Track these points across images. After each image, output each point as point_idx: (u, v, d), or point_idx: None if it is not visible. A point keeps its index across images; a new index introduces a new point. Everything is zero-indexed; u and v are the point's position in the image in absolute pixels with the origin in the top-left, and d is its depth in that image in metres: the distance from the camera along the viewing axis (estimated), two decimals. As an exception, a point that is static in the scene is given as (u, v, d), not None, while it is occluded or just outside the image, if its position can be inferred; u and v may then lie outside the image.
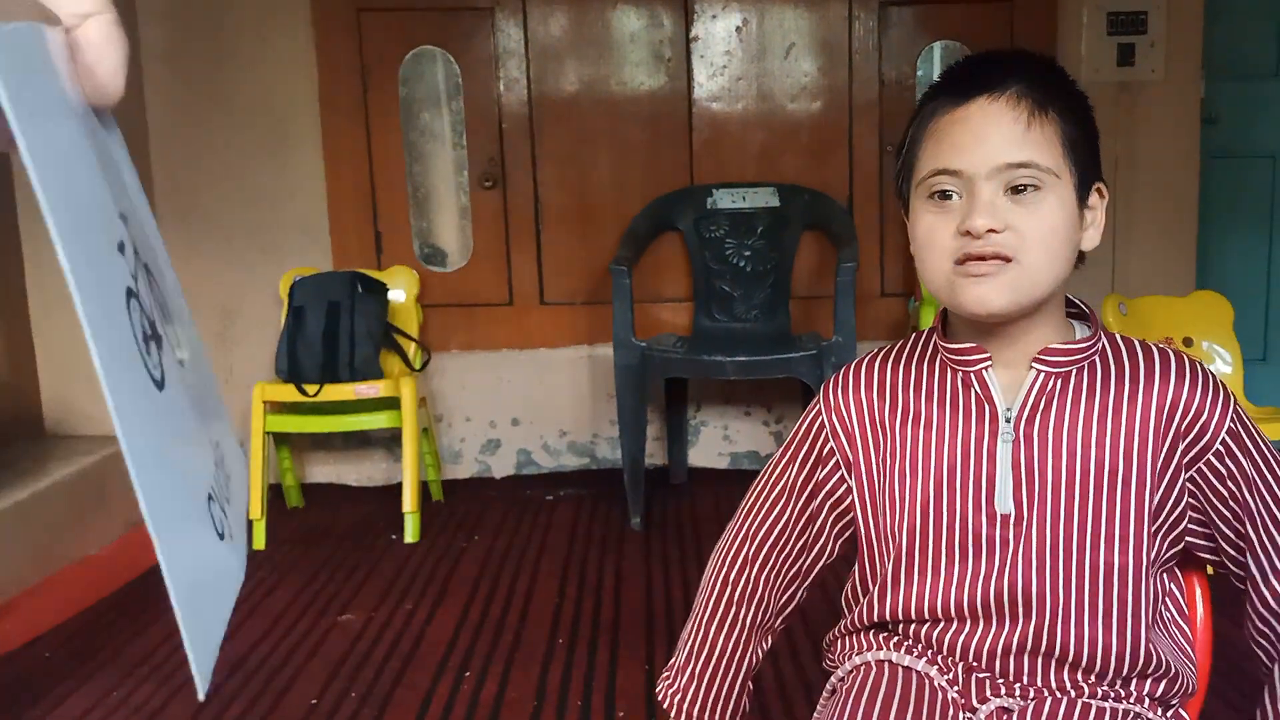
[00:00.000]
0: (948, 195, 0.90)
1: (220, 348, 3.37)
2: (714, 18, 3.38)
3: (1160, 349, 0.96)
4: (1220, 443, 0.91)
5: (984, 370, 0.95)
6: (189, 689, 2.03)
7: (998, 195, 0.88)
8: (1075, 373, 0.94)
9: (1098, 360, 0.95)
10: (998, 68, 0.91)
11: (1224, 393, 0.93)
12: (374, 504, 3.24)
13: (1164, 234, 3.42)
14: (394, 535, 2.93)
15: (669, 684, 1.10)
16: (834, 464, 1.03)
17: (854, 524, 1.04)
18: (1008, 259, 0.88)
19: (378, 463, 3.46)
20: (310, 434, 3.28)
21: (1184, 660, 0.98)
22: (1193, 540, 0.96)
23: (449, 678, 2.07)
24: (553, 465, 3.49)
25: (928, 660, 0.98)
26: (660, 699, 1.11)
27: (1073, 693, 0.94)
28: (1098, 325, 0.96)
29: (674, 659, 1.11)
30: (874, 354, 1.04)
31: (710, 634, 1.07)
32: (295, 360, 2.93)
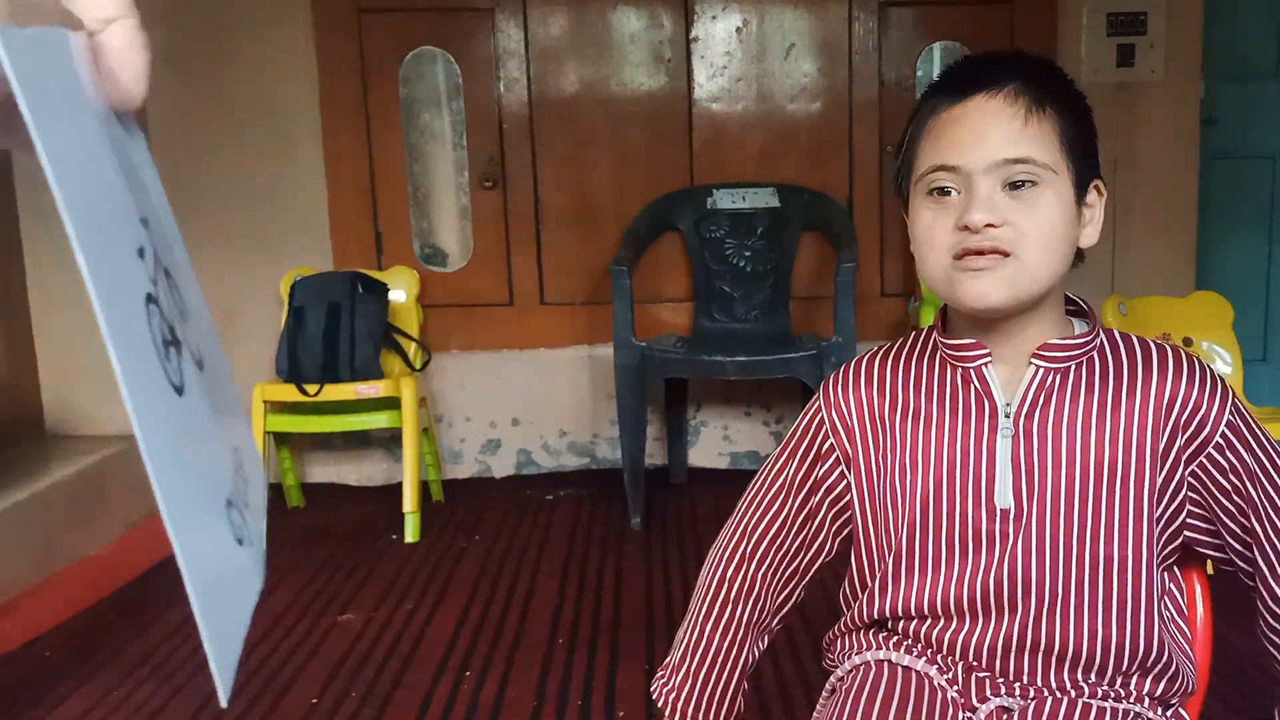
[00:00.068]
0: (946, 191, 0.91)
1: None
2: (714, 18, 3.38)
3: (1158, 344, 0.96)
4: (1220, 435, 0.92)
5: (983, 366, 0.95)
6: (189, 689, 2.03)
7: (996, 191, 0.89)
8: (1074, 368, 0.94)
9: (1096, 356, 0.95)
10: (995, 66, 0.91)
11: (1222, 386, 0.93)
12: (374, 504, 3.24)
13: (1164, 235, 3.42)
14: (394, 535, 2.93)
15: (664, 683, 1.10)
16: (834, 460, 1.03)
17: (851, 520, 1.04)
18: (1006, 254, 0.88)
19: (378, 463, 3.46)
20: (310, 434, 3.28)
21: (1184, 658, 0.98)
22: (1197, 536, 0.96)
23: (449, 678, 2.07)
24: (553, 465, 3.49)
25: (927, 660, 0.98)
26: (655, 698, 1.11)
27: (1073, 692, 0.94)
28: (1096, 322, 0.97)
29: (669, 658, 1.11)
30: (874, 352, 1.05)
31: (706, 632, 1.07)
32: (296, 360, 2.94)
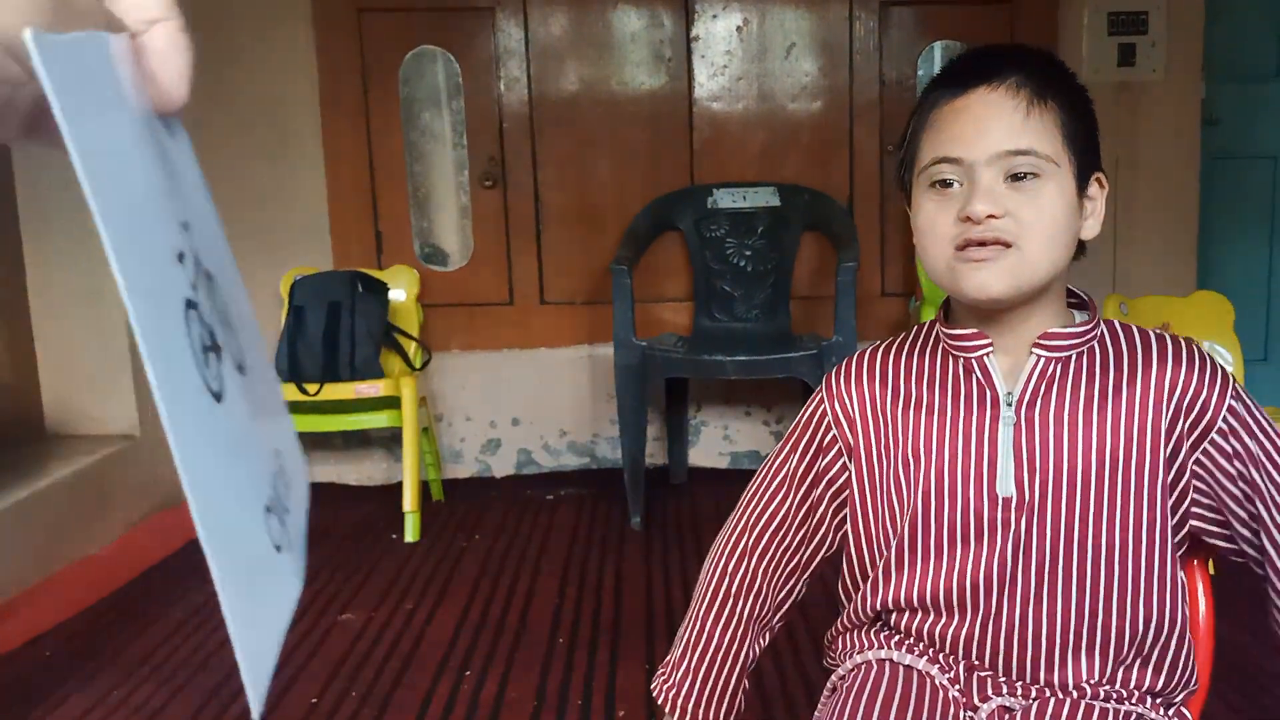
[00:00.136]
0: (948, 183, 0.91)
1: (220, 348, 3.37)
2: (714, 18, 3.38)
3: (1158, 334, 0.97)
4: (1222, 420, 0.92)
5: (985, 356, 0.95)
6: (189, 689, 2.03)
7: (997, 182, 0.89)
8: (1075, 357, 0.95)
9: (1097, 346, 0.96)
10: (997, 59, 0.92)
11: (1222, 373, 0.93)
12: (374, 503, 3.23)
13: (1165, 234, 3.42)
14: (394, 535, 2.93)
15: (665, 680, 1.10)
16: (835, 452, 1.03)
17: (850, 512, 1.04)
18: (1007, 244, 0.89)
19: (378, 462, 3.46)
20: (310, 433, 3.27)
21: (1186, 648, 0.98)
22: (1204, 526, 0.95)
23: (449, 678, 2.07)
24: (553, 465, 3.49)
25: (929, 659, 0.98)
26: (656, 696, 1.10)
27: (1075, 693, 0.94)
28: (1097, 312, 0.97)
29: (670, 655, 1.11)
30: (876, 345, 1.05)
31: (707, 628, 1.07)
32: (296, 359, 2.93)
